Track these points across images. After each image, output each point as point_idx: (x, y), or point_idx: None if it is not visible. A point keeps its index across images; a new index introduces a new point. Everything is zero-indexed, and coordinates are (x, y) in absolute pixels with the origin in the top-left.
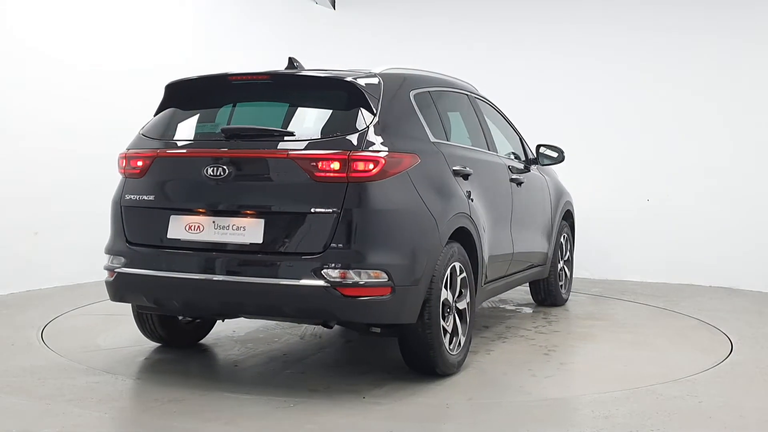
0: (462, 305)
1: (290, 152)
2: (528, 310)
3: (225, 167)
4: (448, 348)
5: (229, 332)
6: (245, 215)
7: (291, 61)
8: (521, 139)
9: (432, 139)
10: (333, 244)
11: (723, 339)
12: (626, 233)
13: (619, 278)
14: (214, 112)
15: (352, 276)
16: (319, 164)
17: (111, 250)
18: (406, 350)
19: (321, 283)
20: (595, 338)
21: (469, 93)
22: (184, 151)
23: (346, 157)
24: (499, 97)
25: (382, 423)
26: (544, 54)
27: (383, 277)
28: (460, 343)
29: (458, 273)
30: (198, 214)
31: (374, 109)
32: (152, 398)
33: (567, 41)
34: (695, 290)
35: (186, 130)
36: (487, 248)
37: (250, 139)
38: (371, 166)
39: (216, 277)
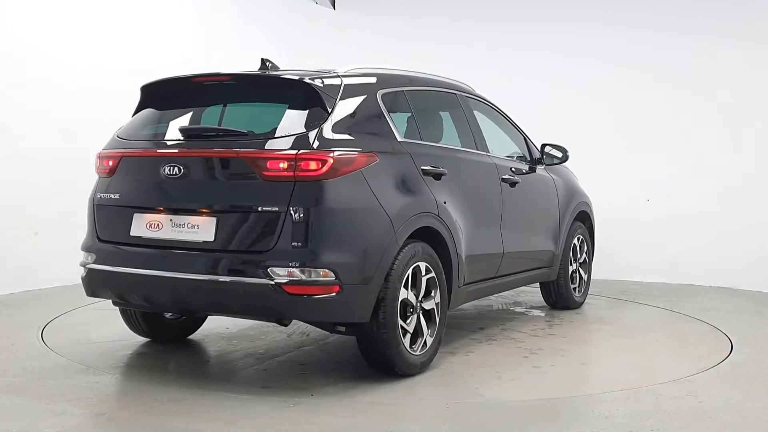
0: (429, 305)
1: (240, 152)
2: (538, 312)
3: (180, 167)
4: (408, 348)
5: (222, 329)
6: (199, 214)
7: (263, 61)
8: (526, 140)
9: (400, 138)
10: (280, 243)
11: (723, 339)
12: (626, 233)
13: (620, 278)
14: (182, 113)
15: (298, 274)
16: (268, 163)
17: (84, 247)
18: (363, 349)
19: (267, 281)
20: (590, 342)
21: (458, 92)
22: (146, 151)
23: (294, 156)
24: (498, 97)
25: (382, 423)
26: (544, 54)
27: (330, 276)
28: (425, 343)
29: (423, 273)
30: (157, 212)
31: (329, 109)
32: (152, 398)
33: (567, 41)
34: (695, 290)
35: (154, 130)
36: (464, 249)
37: (206, 139)
38: (318, 165)
39: (169, 274)
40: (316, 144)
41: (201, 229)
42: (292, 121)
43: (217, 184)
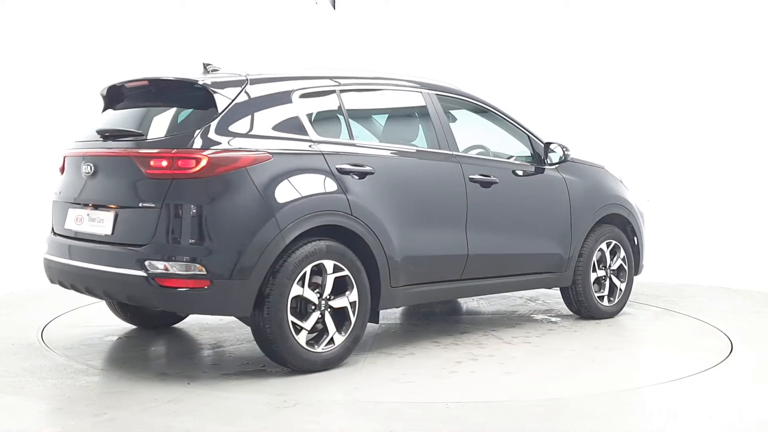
0: (339, 304)
1: (130, 151)
2: (555, 320)
3: (92, 165)
4: (302, 344)
5: (222, 326)
6: (106, 209)
7: (204, 66)
8: (530, 139)
9: (314, 138)
10: (156, 237)
11: (723, 339)
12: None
13: None
14: (118, 116)
15: (169, 268)
16: (151, 162)
17: (46, 239)
18: (256, 342)
19: (141, 273)
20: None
21: (426, 91)
22: (75, 151)
23: (171, 155)
24: (498, 96)
25: (382, 423)
26: (544, 53)
27: (201, 270)
28: (333, 341)
29: (330, 271)
30: (82, 207)
31: (220, 110)
32: (152, 398)
33: (567, 41)
34: (695, 290)
35: (92, 132)
36: (400, 249)
37: (113, 139)
38: (193, 163)
39: (79, 264)
40: (197, 143)
41: (104, 223)
42: (185, 121)
43: (116, 181)
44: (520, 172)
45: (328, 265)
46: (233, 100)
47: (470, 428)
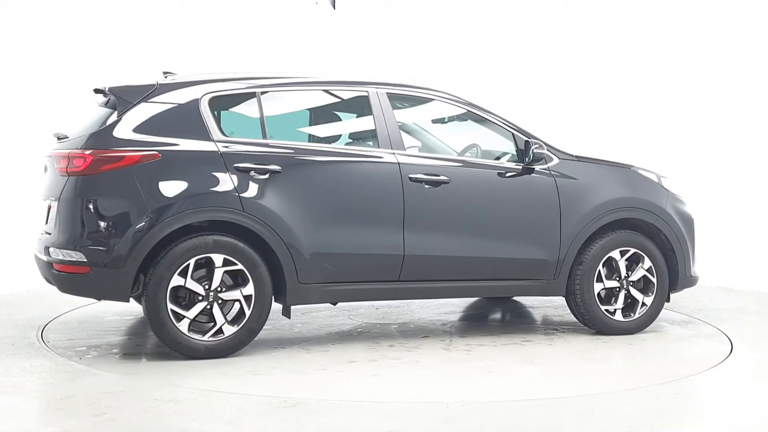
0: (230, 297)
1: (53, 152)
2: (556, 320)
3: (46, 165)
4: (183, 331)
5: None
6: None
7: (164, 73)
8: (515, 138)
9: (216, 138)
10: (56, 227)
11: (723, 339)
12: None
13: None
14: (84, 118)
15: (59, 254)
16: (60, 161)
17: None
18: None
19: (45, 258)
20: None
21: (375, 91)
22: (49, 153)
23: (68, 154)
24: (499, 96)
25: (382, 423)
26: (544, 53)
27: (81, 258)
28: (222, 331)
29: (220, 264)
30: (48, 202)
31: (121, 114)
32: (152, 398)
33: (567, 41)
34: (695, 290)
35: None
36: (310, 246)
37: (58, 140)
38: (81, 162)
39: (38, 255)
40: (90, 144)
41: (48, 216)
42: (94, 124)
43: (50, 179)
44: (490, 172)
45: (217, 258)
46: (134, 105)
47: (470, 428)
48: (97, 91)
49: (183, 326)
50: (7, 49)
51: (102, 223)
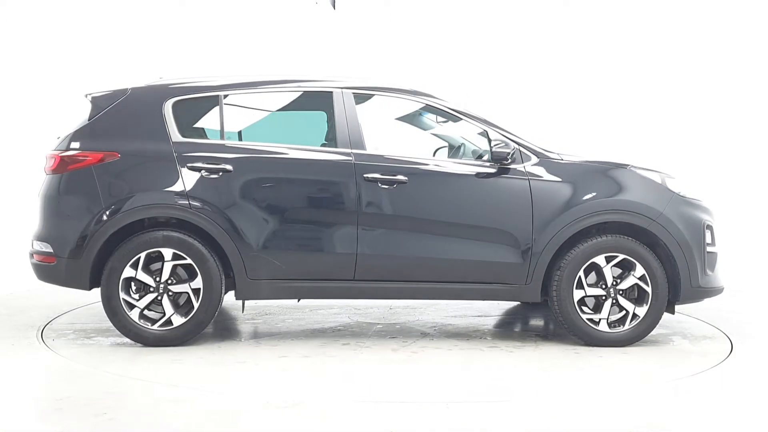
0: (179, 289)
1: (47, 154)
2: (552, 332)
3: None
4: (134, 319)
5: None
6: None
7: (159, 78)
8: (489, 137)
9: (175, 140)
10: (37, 221)
11: (723, 339)
12: None
13: None
14: (77, 120)
15: (36, 246)
16: (46, 161)
17: None
18: None
19: (30, 249)
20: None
21: (338, 91)
22: None
23: (48, 155)
24: (499, 96)
25: (382, 423)
26: (544, 53)
27: (49, 249)
28: (171, 321)
29: (169, 258)
30: None
31: (92, 117)
32: (152, 398)
33: (567, 41)
34: None
35: None
36: (256, 243)
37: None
38: (53, 162)
39: None
40: (62, 145)
41: None
42: (74, 127)
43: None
44: (454, 173)
45: (167, 252)
46: (104, 109)
47: (470, 428)
48: (86, 96)
49: (134, 315)
50: (10, 50)
51: (65, 218)
